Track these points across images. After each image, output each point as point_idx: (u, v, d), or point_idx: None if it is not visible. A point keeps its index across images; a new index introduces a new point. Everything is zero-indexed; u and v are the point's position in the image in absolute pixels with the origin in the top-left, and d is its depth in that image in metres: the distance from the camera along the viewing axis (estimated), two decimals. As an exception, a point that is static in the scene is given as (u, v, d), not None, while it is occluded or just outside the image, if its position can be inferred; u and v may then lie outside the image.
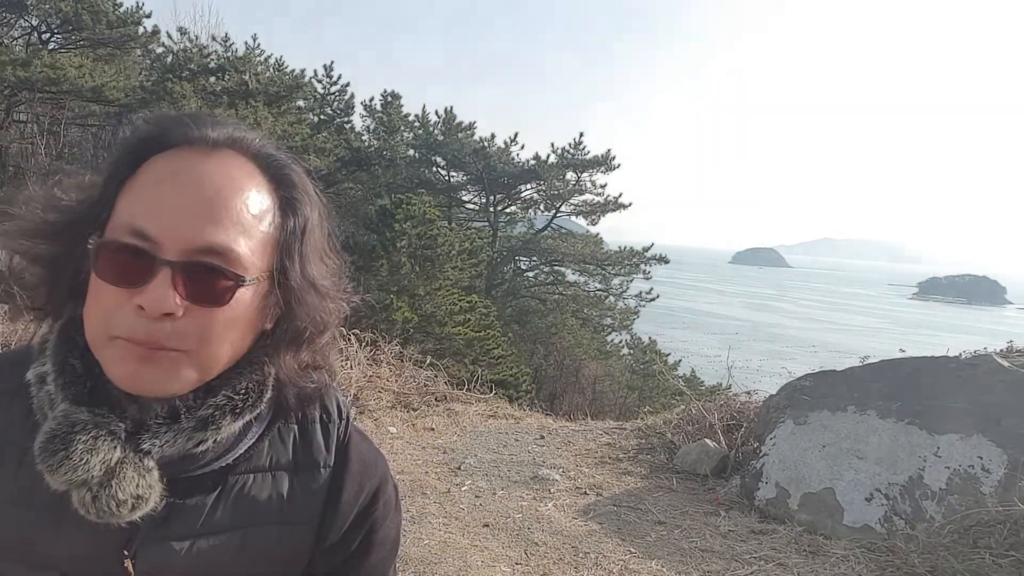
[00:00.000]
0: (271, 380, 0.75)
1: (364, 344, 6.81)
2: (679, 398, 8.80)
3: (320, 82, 18.42)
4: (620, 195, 20.03)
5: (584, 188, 19.98)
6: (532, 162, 19.30)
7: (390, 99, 19.86)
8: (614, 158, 19.06)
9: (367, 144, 18.85)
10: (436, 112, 19.59)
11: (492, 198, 20.39)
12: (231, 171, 0.69)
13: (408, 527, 3.78)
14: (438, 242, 11.91)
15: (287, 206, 0.72)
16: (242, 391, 0.72)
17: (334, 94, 18.75)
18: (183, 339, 0.65)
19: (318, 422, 0.81)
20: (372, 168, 18.02)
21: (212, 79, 12.41)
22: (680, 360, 19.21)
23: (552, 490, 4.57)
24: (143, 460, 0.67)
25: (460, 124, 19.24)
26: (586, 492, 4.57)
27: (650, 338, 19.80)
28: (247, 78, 12.31)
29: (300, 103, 16.16)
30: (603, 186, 19.96)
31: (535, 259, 21.42)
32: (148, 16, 12.67)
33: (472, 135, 19.30)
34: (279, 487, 0.77)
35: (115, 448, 0.66)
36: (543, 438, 5.79)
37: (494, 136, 19.54)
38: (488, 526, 3.95)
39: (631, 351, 19.94)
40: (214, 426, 0.70)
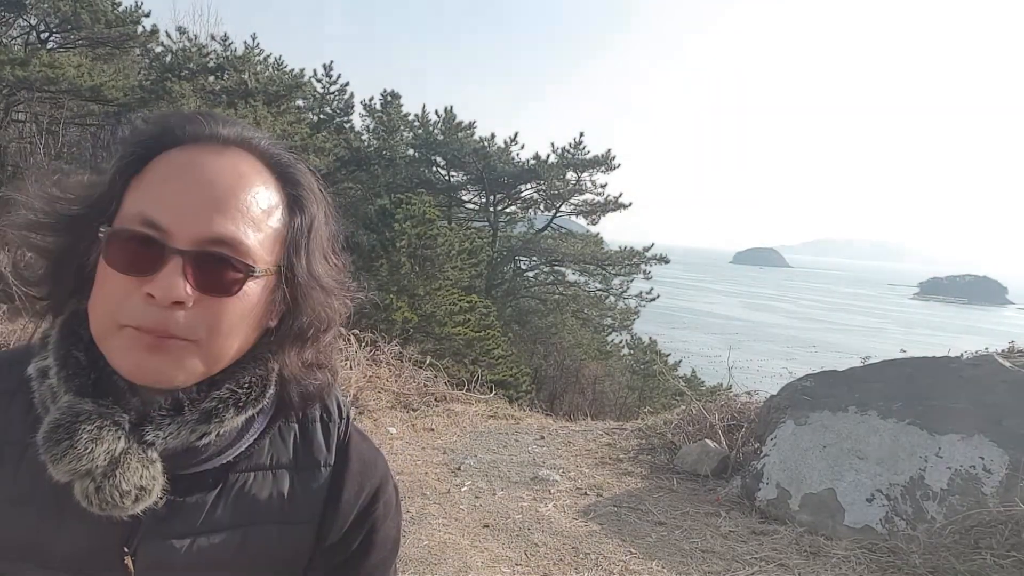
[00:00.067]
0: (274, 376, 0.76)
1: (364, 344, 6.80)
2: (680, 398, 8.80)
3: (319, 81, 18.42)
4: (620, 195, 20.03)
5: (584, 188, 19.96)
6: (532, 162, 19.28)
7: (390, 99, 19.85)
8: (614, 158, 19.05)
9: (367, 144, 18.84)
10: (436, 112, 19.60)
11: (492, 198, 20.37)
12: (241, 167, 0.70)
13: (408, 527, 3.77)
14: (438, 242, 11.90)
15: (294, 204, 0.74)
16: (245, 385, 0.73)
17: (333, 93, 18.74)
18: (192, 329, 0.65)
19: (318, 421, 0.82)
20: (372, 168, 18.01)
21: (211, 78, 12.40)
22: (681, 360, 19.19)
23: (552, 491, 4.56)
24: (147, 451, 0.67)
25: (460, 124, 19.22)
26: (586, 493, 4.56)
27: (650, 338, 19.78)
28: (246, 77, 12.30)
29: (299, 102, 16.15)
30: (603, 186, 19.97)
31: (535, 259, 21.39)
32: (147, 15, 12.65)
33: (472, 135, 19.27)
34: (280, 486, 0.77)
35: (119, 439, 0.66)
36: (543, 438, 5.78)
37: (494, 136, 19.52)
38: (488, 527, 3.94)
39: (631, 351, 19.92)
40: (217, 419, 0.70)
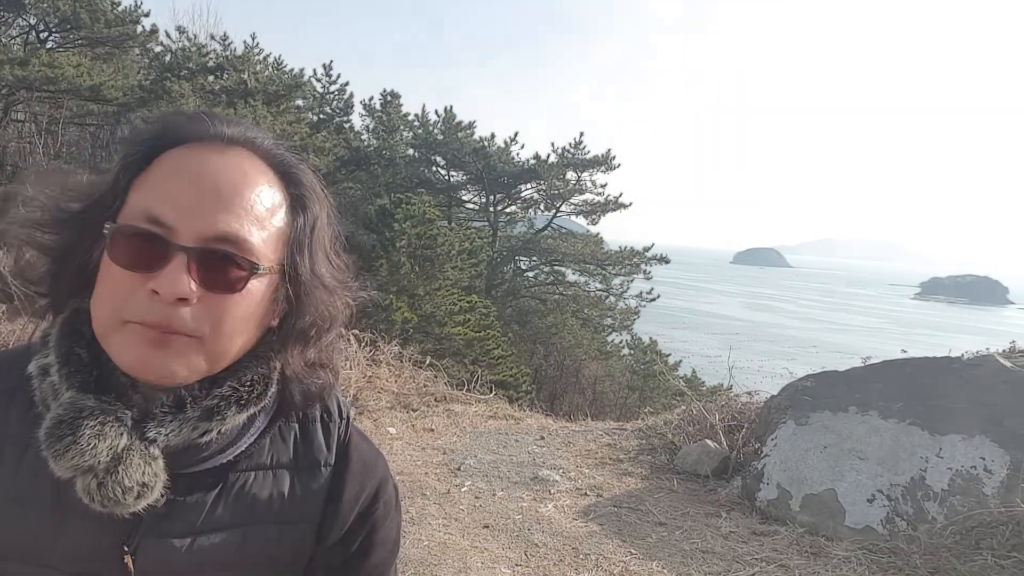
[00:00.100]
0: (276, 375, 0.76)
1: (363, 344, 6.79)
2: (680, 399, 8.79)
3: (319, 81, 18.43)
4: (620, 195, 20.02)
5: (584, 188, 19.95)
6: (532, 161, 19.25)
7: (389, 98, 19.85)
8: (614, 157, 19.04)
9: (366, 143, 18.84)
10: (436, 111, 19.59)
11: (492, 198, 20.36)
12: (245, 167, 0.71)
13: (408, 528, 3.76)
14: (438, 242, 11.89)
15: (297, 203, 0.74)
16: (247, 383, 0.73)
17: (333, 93, 18.74)
18: (196, 325, 0.65)
19: (319, 421, 0.82)
20: (371, 167, 18.00)
21: (211, 78, 12.39)
22: (681, 360, 19.18)
23: (552, 491, 4.55)
24: (149, 448, 0.67)
25: (460, 123, 19.20)
26: (586, 493, 4.55)
27: (651, 338, 19.75)
28: (246, 77, 12.29)
29: (299, 102, 16.15)
30: (603, 186, 19.97)
31: (535, 259, 21.38)
32: (146, 15, 12.64)
33: (472, 134, 19.25)
34: (280, 485, 0.77)
35: (122, 435, 0.66)
36: (543, 439, 5.77)
37: (494, 135, 19.51)
38: (488, 527, 3.93)
39: (632, 351, 19.90)
40: (219, 416, 0.70)
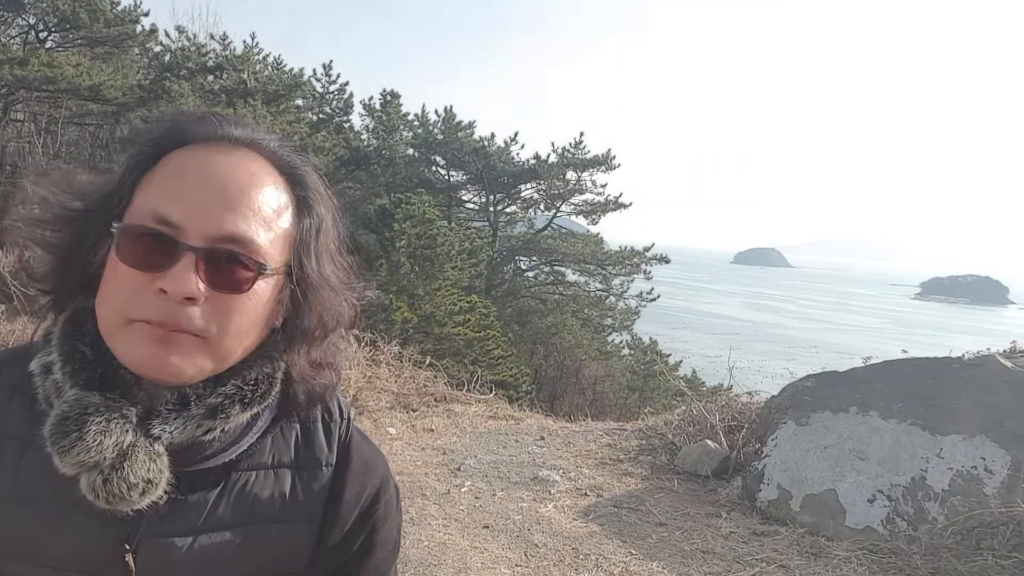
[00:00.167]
0: (280, 374, 0.76)
1: (363, 344, 6.79)
2: (680, 399, 8.78)
3: (319, 81, 18.43)
4: (620, 195, 20.01)
5: (584, 187, 19.95)
6: (532, 161, 19.25)
7: (389, 98, 19.85)
8: (614, 157, 19.02)
9: (366, 143, 18.84)
10: (436, 111, 19.58)
11: (492, 198, 20.35)
12: (252, 168, 0.71)
13: (408, 528, 3.75)
14: (438, 242, 11.88)
15: (303, 205, 0.75)
16: (251, 382, 0.73)
17: (333, 93, 18.75)
18: (202, 325, 0.66)
19: (320, 421, 0.82)
20: (371, 167, 18.00)
21: (210, 78, 12.39)
22: (681, 360, 19.17)
23: (552, 491, 4.55)
24: (153, 445, 0.68)
25: (460, 123, 19.20)
26: (586, 493, 4.55)
27: (651, 338, 19.75)
28: (245, 77, 12.28)
29: (299, 102, 16.14)
30: (603, 185, 19.96)
31: (535, 259, 21.37)
32: (146, 14, 12.64)
33: (472, 134, 19.24)
34: (281, 485, 0.77)
35: (127, 431, 0.66)
36: (543, 439, 5.77)
37: (494, 135, 19.51)
38: (488, 527, 3.92)
39: (632, 351, 19.90)
40: (223, 414, 0.71)
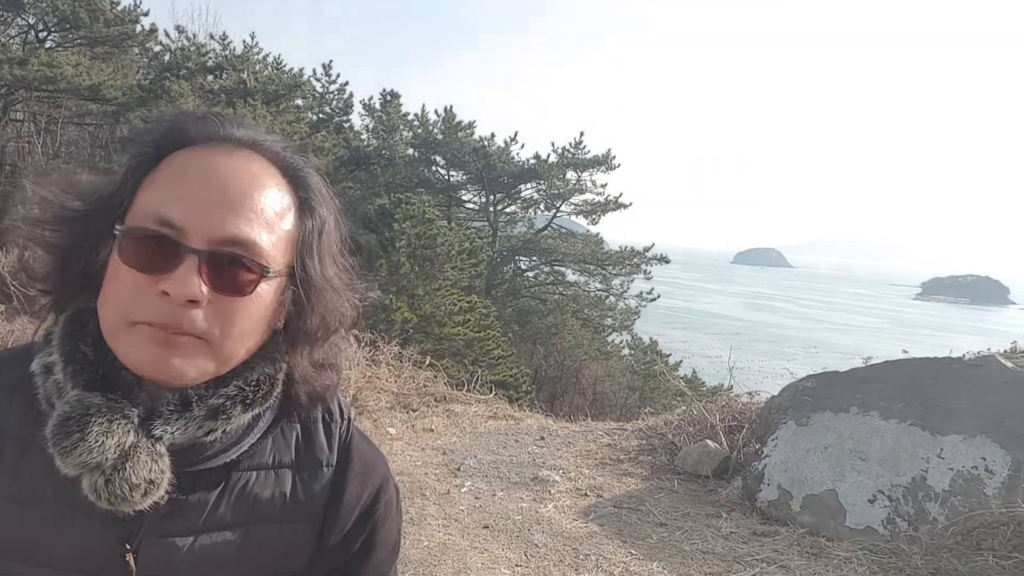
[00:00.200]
0: (282, 375, 0.76)
1: (363, 344, 6.79)
2: (680, 399, 8.78)
3: (319, 81, 18.41)
4: (620, 195, 20.01)
5: (584, 187, 19.95)
6: (532, 161, 19.24)
7: (389, 98, 19.84)
8: (614, 157, 19.02)
9: (366, 143, 18.82)
10: (435, 111, 19.58)
11: (492, 197, 20.34)
12: (254, 170, 0.71)
13: (408, 528, 3.75)
14: (437, 242, 11.87)
15: (305, 207, 0.75)
16: (253, 383, 0.73)
17: (333, 93, 18.73)
18: (205, 327, 0.66)
19: (320, 422, 0.82)
20: (371, 167, 17.99)
21: (210, 77, 12.39)
22: (681, 361, 19.15)
23: (552, 491, 4.54)
24: (155, 446, 0.68)
25: (460, 123, 19.20)
26: (586, 493, 4.54)
27: (651, 338, 19.75)
28: (245, 76, 12.28)
29: (299, 102, 16.13)
30: (603, 185, 19.96)
31: (535, 259, 21.36)
32: (146, 14, 12.63)
33: (472, 134, 19.23)
34: (282, 485, 0.77)
35: (129, 432, 0.66)
36: (543, 439, 5.76)
37: (494, 135, 19.51)
38: (488, 528, 3.92)
39: (632, 351, 19.89)
40: (224, 415, 0.71)
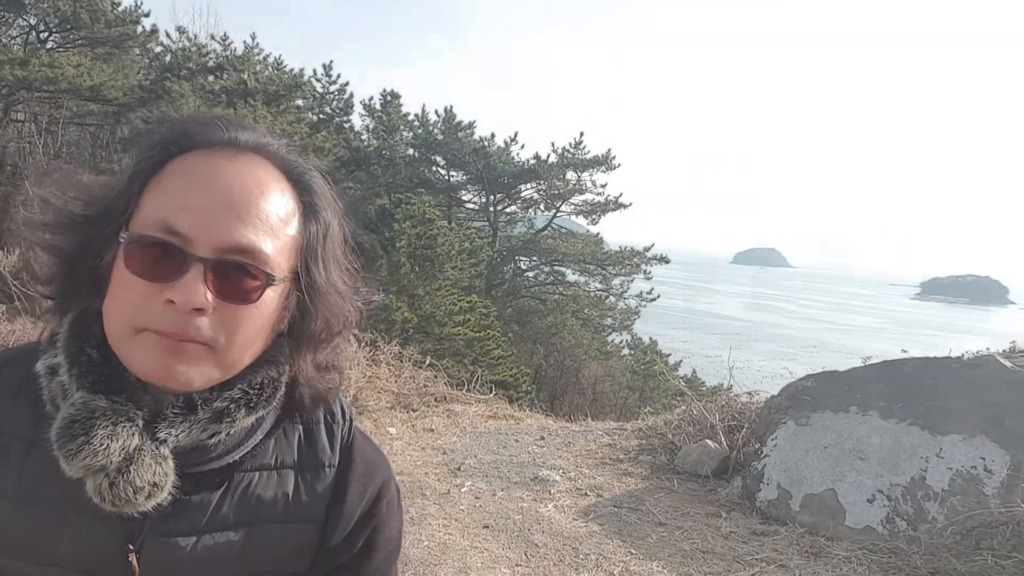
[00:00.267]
0: (285, 378, 0.77)
1: (363, 344, 6.79)
2: (680, 399, 8.79)
3: (319, 81, 18.42)
4: (620, 195, 20.03)
5: (584, 188, 19.96)
6: (532, 161, 19.25)
7: (389, 98, 19.85)
8: (614, 157, 19.03)
9: (366, 143, 18.83)
10: (436, 111, 19.60)
11: (492, 198, 20.35)
12: (259, 175, 0.71)
13: (408, 528, 3.75)
14: (438, 242, 11.88)
15: (309, 211, 0.75)
16: (257, 386, 0.73)
17: (333, 93, 18.74)
18: (211, 334, 0.66)
19: (322, 423, 0.83)
20: (371, 168, 18.00)
21: (211, 78, 12.38)
22: (681, 360, 19.17)
23: (552, 491, 4.55)
24: (159, 448, 0.68)
25: (460, 123, 19.21)
26: (586, 493, 4.55)
27: (651, 338, 19.75)
28: (246, 77, 12.28)
29: (299, 102, 16.13)
30: (603, 186, 19.97)
31: (535, 259, 21.38)
32: (147, 15, 12.64)
33: (472, 134, 19.25)
34: (284, 486, 0.77)
35: (134, 435, 0.67)
36: (543, 439, 5.77)
37: (494, 135, 19.53)
38: (488, 527, 3.92)
39: (632, 351, 19.90)
40: (228, 418, 0.71)
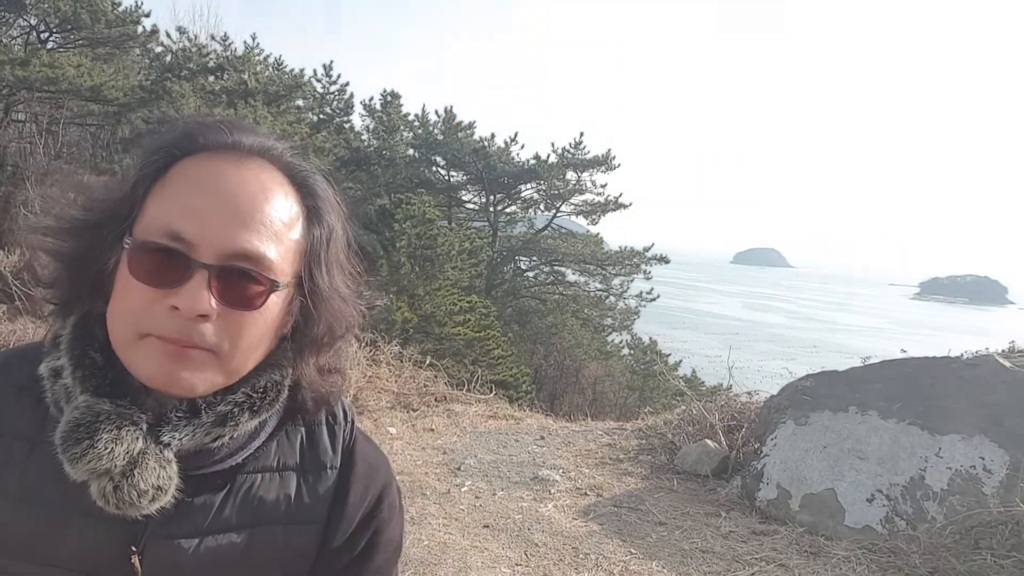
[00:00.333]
0: (288, 381, 0.77)
1: (363, 344, 6.80)
2: (680, 398, 8.79)
3: (319, 81, 18.44)
4: (620, 195, 20.03)
5: (584, 188, 19.95)
6: (532, 162, 19.25)
7: (390, 99, 19.86)
8: (614, 158, 19.03)
9: (366, 144, 18.85)
10: (436, 112, 19.61)
11: (492, 198, 20.35)
12: (263, 180, 0.71)
13: (408, 528, 3.76)
14: (438, 242, 11.89)
15: (313, 215, 0.75)
16: (261, 390, 0.74)
17: (333, 93, 18.76)
18: (215, 341, 0.66)
19: (324, 424, 0.83)
20: (371, 168, 18.02)
21: (211, 78, 12.38)
22: (681, 360, 19.16)
23: (552, 491, 4.56)
24: (163, 452, 0.68)
25: (460, 123, 19.22)
26: (586, 493, 4.56)
27: (651, 338, 19.73)
28: (246, 77, 12.28)
29: (299, 102, 16.14)
30: (603, 186, 19.97)
31: (535, 259, 21.38)
32: (147, 15, 12.62)
33: (472, 134, 19.26)
34: (286, 488, 0.78)
35: (138, 439, 0.67)
36: (543, 439, 5.78)
37: (494, 135, 19.52)
38: (488, 527, 3.93)
39: (632, 351, 19.90)
40: (232, 422, 0.71)
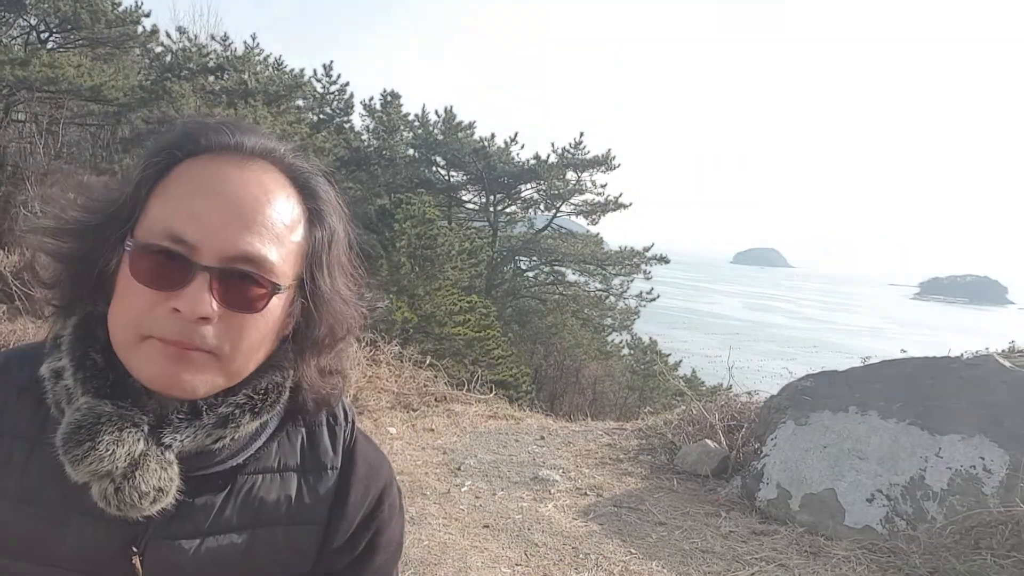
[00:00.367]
0: (289, 382, 0.77)
1: (364, 344, 6.80)
2: (680, 398, 8.79)
3: (319, 81, 18.46)
4: (620, 195, 20.05)
5: (584, 188, 19.97)
6: (532, 162, 19.28)
7: (390, 99, 19.87)
8: (614, 158, 19.06)
9: (366, 144, 18.86)
10: (436, 112, 19.64)
11: (492, 198, 20.37)
12: (265, 182, 0.71)
13: (408, 528, 3.76)
14: (438, 242, 11.90)
15: (315, 217, 0.75)
16: (262, 391, 0.74)
17: (333, 93, 18.77)
18: (216, 343, 0.67)
19: (325, 425, 0.83)
20: (371, 168, 18.03)
21: (211, 78, 12.39)
22: (681, 360, 19.17)
23: (552, 491, 4.56)
24: (164, 453, 0.68)
25: (460, 124, 19.24)
26: (586, 493, 4.56)
27: (651, 338, 19.75)
28: (246, 77, 12.29)
29: (299, 102, 16.15)
30: (603, 186, 19.99)
31: (535, 259, 21.40)
32: (147, 15, 12.63)
33: (472, 135, 19.29)
34: (287, 488, 0.78)
35: (139, 441, 0.67)
36: (543, 439, 5.78)
37: (494, 135, 19.55)
38: (488, 527, 3.93)
39: (632, 351, 19.91)
40: (233, 424, 0.71)
